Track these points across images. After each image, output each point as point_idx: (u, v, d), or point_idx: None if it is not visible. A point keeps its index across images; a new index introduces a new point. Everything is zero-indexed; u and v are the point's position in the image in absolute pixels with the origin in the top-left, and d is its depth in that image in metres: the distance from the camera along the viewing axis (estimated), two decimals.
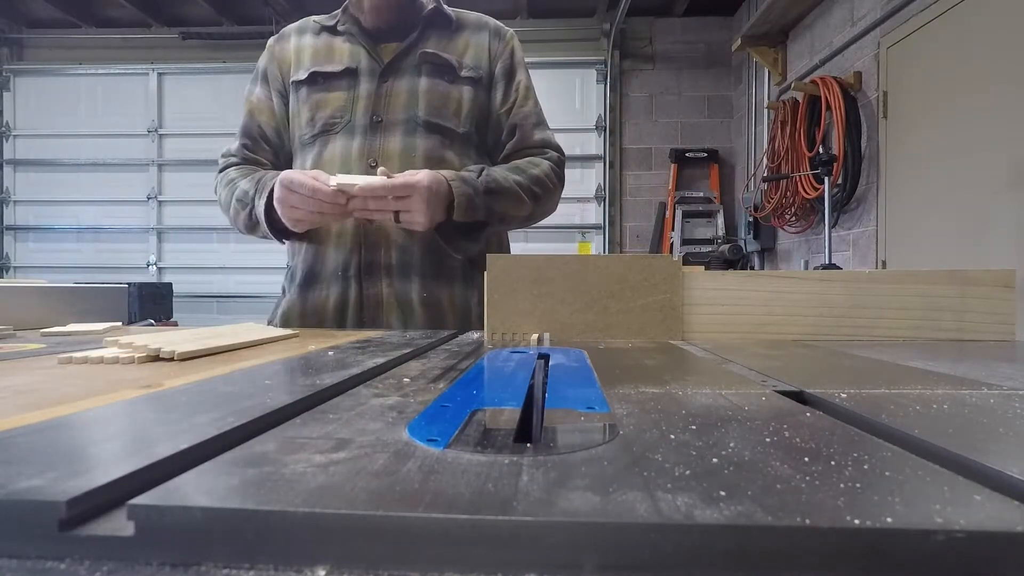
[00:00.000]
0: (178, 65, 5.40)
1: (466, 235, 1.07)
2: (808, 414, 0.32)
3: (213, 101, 5.38)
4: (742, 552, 0.17)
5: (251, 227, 1.12)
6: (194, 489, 0.20)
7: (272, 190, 1.01)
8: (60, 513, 0.18)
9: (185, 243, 5.51)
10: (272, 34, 1.29)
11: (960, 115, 2.64)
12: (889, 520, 0.17)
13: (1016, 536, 0.16)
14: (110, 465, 0.22)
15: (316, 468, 0.22)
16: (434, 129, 1.14)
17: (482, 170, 1.08)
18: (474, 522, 0.17)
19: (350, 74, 1.15)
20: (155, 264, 5.49)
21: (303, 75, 1.17)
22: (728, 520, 0.17)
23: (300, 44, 1.21)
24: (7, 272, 5.53)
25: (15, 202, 5.60)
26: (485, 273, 0.80)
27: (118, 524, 0.19)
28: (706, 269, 0.83)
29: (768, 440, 0.26)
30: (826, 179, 3.25)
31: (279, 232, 1.09)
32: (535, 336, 0.76)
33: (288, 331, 0.82)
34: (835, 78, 3.39)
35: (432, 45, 1.17)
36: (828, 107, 3.40)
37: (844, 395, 0.36)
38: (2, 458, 0.23)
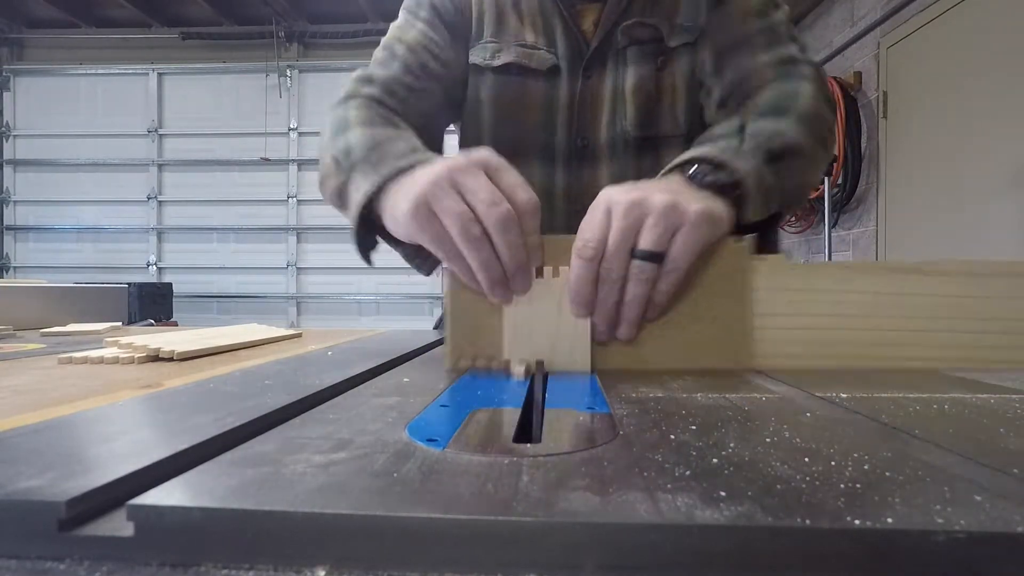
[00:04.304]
0: (178, 65, 5.40)
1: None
2: None
3: (213, 101, 5.37)
4: (742, 552, 0.17)
5: (339, 203, 0.65)
6: (194, 489, 0.20)
7: (406, 169, 0.53)
8: (60, 513, 0.18)
9: (185, 243, 5.51)
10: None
11: (960, 115, 2.64)
12: (889, 520, 0.17)
13: (1016, 536, 0.16)
14: (110, 465, 0.22)
15: (316, 468, 0.22)
16: (647, 145, 0.81)
17: (741, 128, 0.61)
18: (474, 522, 0.17)
19: (554, 72, 0.81)
20: (155, 264, 5.49)
21: (493, 59, 0.82)
22: (728, 520, 0.17)
23: None
24: (7, 272, 5.53)
25: (15, 202, 5.60)
26: (441, 271, 0.53)
27: (118, 524, 0.19)
28: None
29: None
30: (826, 179, 3.25)
31: (378, 239, 0.61)
32: (520, 368, 0.47)
33: (289, 331, 0.82)
34: (835, 78, 3.39)
35: (637, 5, 0.78)
36: None
37: None
38: (2, 458, 0.23)
